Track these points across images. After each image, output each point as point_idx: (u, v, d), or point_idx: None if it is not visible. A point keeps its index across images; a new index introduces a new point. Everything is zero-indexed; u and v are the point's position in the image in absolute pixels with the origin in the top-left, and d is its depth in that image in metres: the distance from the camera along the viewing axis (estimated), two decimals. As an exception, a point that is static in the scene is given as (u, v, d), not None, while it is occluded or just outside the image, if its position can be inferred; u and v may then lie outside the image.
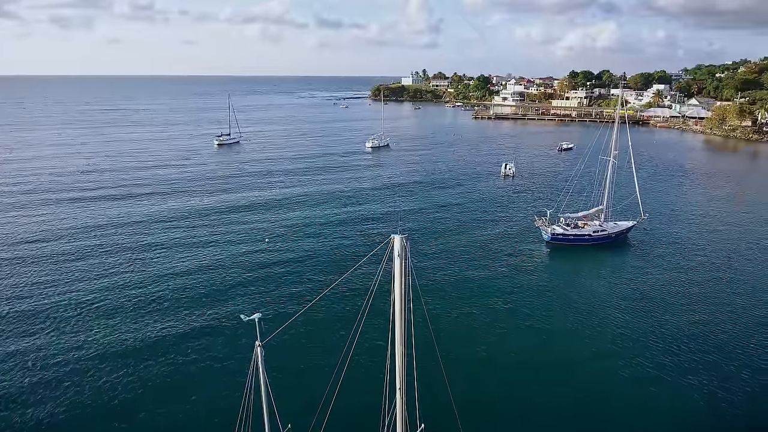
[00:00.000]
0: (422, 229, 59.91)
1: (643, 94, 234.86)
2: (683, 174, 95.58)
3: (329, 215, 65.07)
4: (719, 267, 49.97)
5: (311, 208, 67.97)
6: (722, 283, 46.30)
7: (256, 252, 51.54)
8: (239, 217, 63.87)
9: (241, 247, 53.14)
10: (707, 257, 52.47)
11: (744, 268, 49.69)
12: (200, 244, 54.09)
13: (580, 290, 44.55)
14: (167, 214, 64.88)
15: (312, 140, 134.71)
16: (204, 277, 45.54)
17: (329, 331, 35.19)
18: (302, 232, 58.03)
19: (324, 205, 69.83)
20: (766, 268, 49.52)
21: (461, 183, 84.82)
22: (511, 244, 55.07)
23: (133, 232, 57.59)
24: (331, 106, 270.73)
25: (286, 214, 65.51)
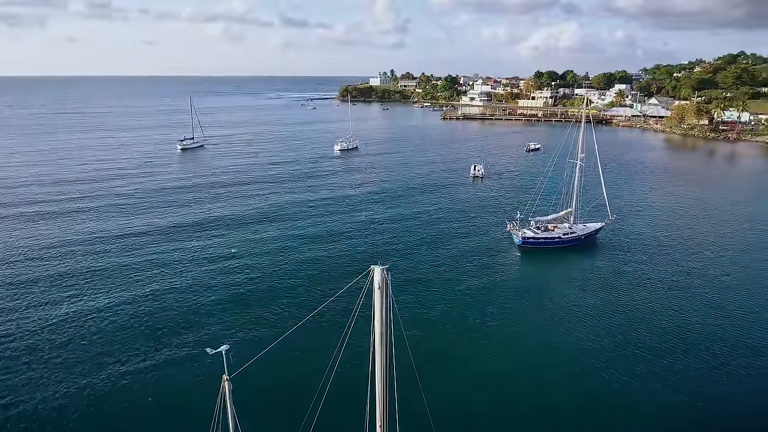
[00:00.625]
0: (394, 240, 58.11)
1: (606, 94, 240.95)
2: (646, 173, 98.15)
3: (300, 232, 60.17)
4: (684, 265, 51.20)
5: (280, 224, 62.99)
6: (688, 281, 47.46)
7: (222, 274, 47.27)
8: (204, 233, 58.80)
9: (206, 268, 48.71)
10: (672, 256, 53.68)
11: (708, 265, 51.07)
12: (161, 264, 49.48)
13: (554, 296, 44.67)
14: (124, 231, 59.20)
15: (279, 144, 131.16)
16: (165, 302, 41.68)
17: (304, 365, 31.90)
18: (272, 252, 53.41)
19: (294, 220, 64.59)
20: (729, 265, 51.03)
21: (431, 187, 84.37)
22: (484, 251, 54.84)
23: (86, 253, 52.11)
24: (299, 108, 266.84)
25: (255, 230, 60.59)
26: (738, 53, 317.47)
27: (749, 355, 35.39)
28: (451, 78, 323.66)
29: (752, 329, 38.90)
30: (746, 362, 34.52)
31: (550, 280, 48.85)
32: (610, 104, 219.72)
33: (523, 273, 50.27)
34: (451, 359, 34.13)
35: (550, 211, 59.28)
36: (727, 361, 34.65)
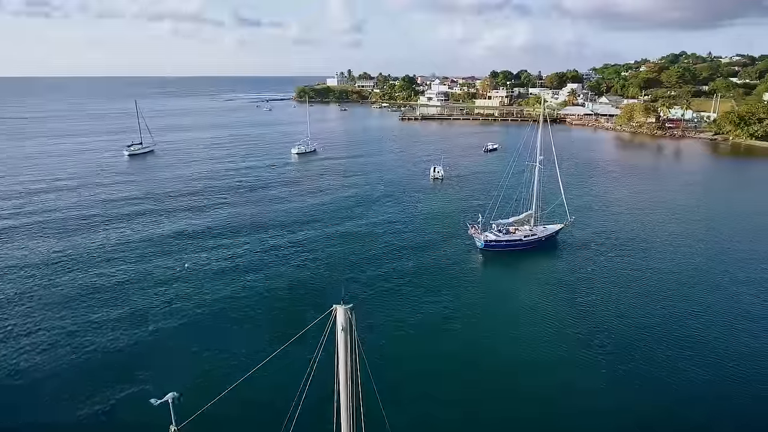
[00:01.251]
0: (354, 251, 55.64)
1: (559, 93, 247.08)
2: (601, 172, 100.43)
3: (254, 253, 54.05)
4: (639, 263, 52.26)
5: (232, 244, 56.51)
6: (643, 278, 48.39)
7: (167, 306, 42.05)
8: (150, 255, 52.98)
9: (150, 297, 43.47)
10: (628, 254, 54.76)
11: (662, 262, 52.24)
12: (100, 290, 44.81)
13: (518, 299, 44.64)
14: (58, 253, 53.26)
15: (234, 149, 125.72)
16: (102, 338, 37.06)
17: (262, 412, 28.70)
18: (224, 277, 47.90)
19: (247, 237, 58.69)
20: (683, 260, 52.35)
21: (392, 191, 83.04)
22: (449, 257, 54.05)
23: (6, 281, 46.20)
24: (254, 109, 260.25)
25: (205, 249, 54.91)
26: (679, 53, 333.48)
27: (707, 353, 36.10)
28: (409, 78, 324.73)
29: (707, 326, 39.74)
30: (704, 360, 35.16)
31: (515, 283, 48.76)
32: (563, 103, 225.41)
33: (487, 278, 49.86)
34: (419, 392, 31.72)
35: (511, 213, 59.26)
36: (685, 359, 35.20)
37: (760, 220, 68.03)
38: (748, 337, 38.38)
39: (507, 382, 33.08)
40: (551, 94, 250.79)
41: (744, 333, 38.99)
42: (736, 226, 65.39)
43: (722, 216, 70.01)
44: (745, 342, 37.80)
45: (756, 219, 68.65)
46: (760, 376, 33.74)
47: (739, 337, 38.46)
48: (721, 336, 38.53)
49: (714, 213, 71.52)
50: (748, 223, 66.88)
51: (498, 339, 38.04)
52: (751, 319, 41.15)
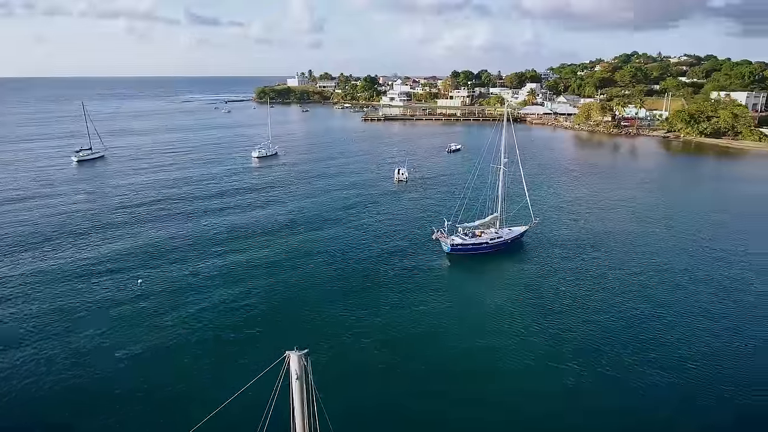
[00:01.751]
0: (314, 273, 53.16)
1: (519, 93, 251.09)
2: (562, 171, 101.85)
3: (204, 275, 48.52)
4: (604, 263, 52.66)
5: (180, 264, 51.24)
6: (609, 280, 48.65)
7: (105, 344, 36.72)
8: (92, 278, 47.71)
9: (91, 329, 38.59)
10: (591, 254, 55.15)
11: (624, 260, 52.83)
12: (34, 317, 40.43)
13: (485, 305, 43.97)
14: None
15: (192, 153, 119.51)
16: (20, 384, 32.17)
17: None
18: (159, 309, 41.78)
19: (199, 254, 53.64)
20: (643, 260, 53.08)
21: (355, 195, 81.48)
22: (414, 264, 52.90)
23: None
24: (213, 111, 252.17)
25: (153, 271, 49.35)
26: (631, 53, 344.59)
27: (670, 354, 36.31)
28: (371, 78, 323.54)
29: (670, 327, 40.12)
30: (667, 363, 35.32)
31: (481, 288, 48.17)
32: (523, 103, 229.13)
33: (454, 285, 48.89)
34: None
35: (477, 216, 58.81)
36: (650, 363, 35.29)
37: (716, 218, 70.11)
38: (708, 337, 38.91)
39: (474, 391, 32.31)
40: (511, 93, 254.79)
41: (705, 333, 39.52)
42: (693, 224, 67.15)
43: (680, 214, 71.80)
44: (707, 341, 38.30)
45: (713, 216, 70.71)
46: (721, 376, 34.08)
47: (701, 337, 38.96)
48: (683, 337, 38.91)
49: (672, 211, 73.30)
50: (705, 220, 68.80)
51: (466, 351, 37.06)
52: (711, 318, 41.83)
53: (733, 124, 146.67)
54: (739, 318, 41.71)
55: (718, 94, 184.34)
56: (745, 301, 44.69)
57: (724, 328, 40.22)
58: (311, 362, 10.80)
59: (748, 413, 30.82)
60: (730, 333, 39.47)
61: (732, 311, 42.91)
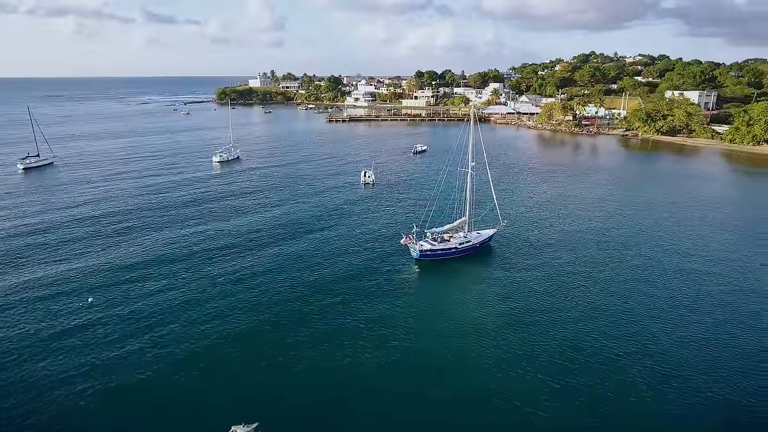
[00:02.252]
0: (279, 268, 53.06)
1: (482, 92, 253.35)
2: (527, 172, 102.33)
3: (153, 297, 44.34)
4: (571, 265, 52.51)
5: (136, 281, 47.39)
6: (577, 281, 48.40)
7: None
8: (36, 301, 43.54)
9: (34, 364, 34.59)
10: (559, 256, 54.97)
11: (589, 262, 52.76)
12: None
13: (455, 313, 42.88)
14: None
15: (146, 159, 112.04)
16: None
17: None
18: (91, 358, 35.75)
19: (150, 277, 48.29)
20: (610, 260, 53.18)
21: (321, 199, 79.39)
22: (383, 269, 51.55)
23: None
24: (171, 113, 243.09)
25: (103, 294, 44.89)
26: (589, 53, 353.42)
27: (642, 358, 35.99)
28: (335, 78, 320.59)
29: (640, 331, 39.93)
30: (642, 369, 34.96)
31: (451, 295, 47.00)
32: (487, 103, 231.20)
33: (423, 293, 47.49)
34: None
35: (445, 221, 57.76)
36: (621, 369, 34.87)
37: (680, 215, 71.43)
38: (676, 346, 38.56)
39: (447, 414, 30.94)
40: (475, 93, 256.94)
41: (676, 339, 39.44)
42: (656, 220, 68.10)
43: (643, 211, 72.87)
44: (680, 347, 38.15)
45: (676, 214, 72.05)
46: (693, 385, 33.79)
47: (671, 339, 38.88)
48: (652, 341, 38.71)
49: (636, 208, 74.30)
50: (667, 218, 69.94)
51: (437, 369, 35.74)
52: (683, 324, 41.88)
53: (687, 122, 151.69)
54: (703, 308, 42.07)
55: (672, 93, 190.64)
56: (712, 292, 45.18)
57: (692, 334, 40.25)
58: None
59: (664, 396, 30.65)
60: (701, 324, 39.75)
61: (699, 302, 43.26)
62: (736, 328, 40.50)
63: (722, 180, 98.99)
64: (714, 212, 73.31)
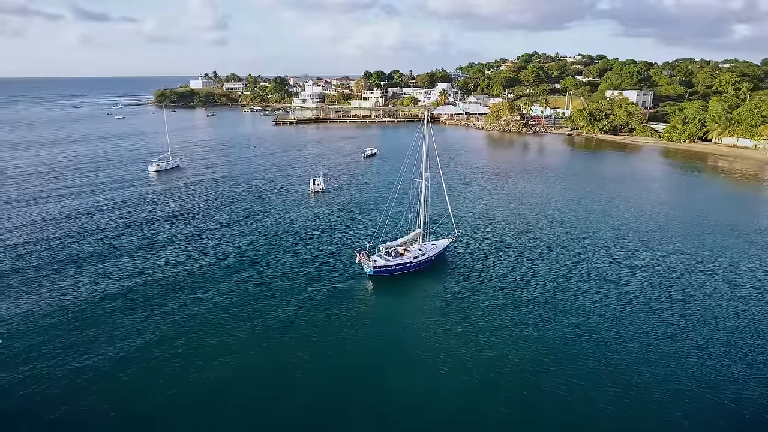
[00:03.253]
0: (220, 293, 49.08)
1: (431, 93, 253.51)
2: (479, 175, 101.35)
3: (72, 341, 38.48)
4: (529, 274, 51.07)
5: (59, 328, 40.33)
6: (536, 293, 46.80)
7: None
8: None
9: None
10: (516, 265, 53.40)
11: (549, 270, 51.47)
12: None
13: (412, 335, 40.22)
14: None
15: (73, 173, 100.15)
16: None
17: None
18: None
19: (71, 321, 41.38)
20: (567, 268, 52.08)
21: (267, 210, 74.67)
22: (334, 287, 48.12)
23: None
24: (104, 117, 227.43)
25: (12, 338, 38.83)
26: (532, 53, 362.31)
27: (608, 380, 34.45)
28: (281, 79, 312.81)
29: (602, 345, 38.53)
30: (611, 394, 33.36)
31: (407, 315, 44.17)
32: (436, 103, 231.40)
33: (378, 314, 44.43)
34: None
35: (399, 233, 54.94)
36: (586, 388, 33.16)
37: (626, 218, 71.93)
38: (637, 366, 37.47)
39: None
40: (424, 93, 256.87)
41: (638, 354, 38.25)
42: (610, 226, 68.15)
43: (597, 213, 72.85)
44: (641, 366, 36.94)
45: (624, 215, 72.54)
46: (662, 402, 32.60)
47: (633, 355, 37.63)
48: (616, 358, 37.36)
49: (590, 211, 74.25)
50: (623, 222, 70.23)
51: (396, 407, 32.80)
52: (642, 333, 40.87)
53: (628, 121, 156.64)
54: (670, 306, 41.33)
55: (613, 92, 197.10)
56: (687, 297, 44.64)
57: (659, 349, 39.24)
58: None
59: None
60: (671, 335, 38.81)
61: (659, 302, 42.51)
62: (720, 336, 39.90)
63: (669, 178, 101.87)
64: (665, 208, 74.51)
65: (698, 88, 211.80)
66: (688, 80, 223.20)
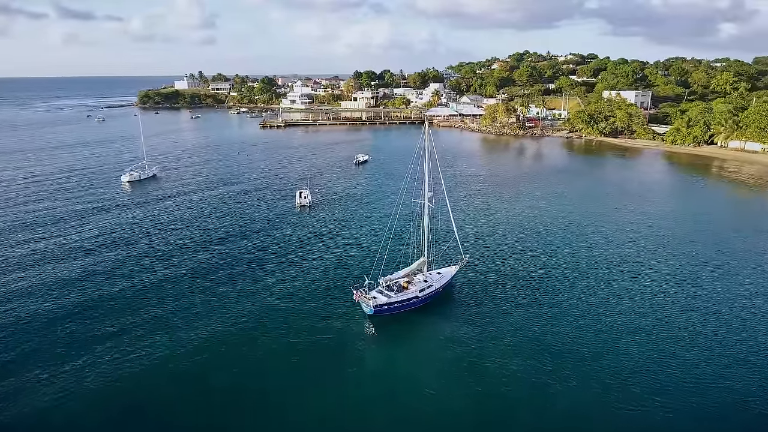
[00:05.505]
0: (190, 339, 41.95)
1: (423, 93, 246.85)
2: (479, 184, 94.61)
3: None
4: (550, 302, 44.23)
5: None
6: (562, 327, 39.97)
7: None
8: None
9: None
10: (533, 290, 46.83)
11: (571, 295, 44.80)
12: None
13: (418, 388, 33.44)
14: None
15: (39, 186, 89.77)
16: None
17: None
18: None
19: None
20: (592, 294, 45.56)
21: (248, 228, 66.96)
22: (326, 333, 41.00)
23: None
24: (83, 120, 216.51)
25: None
26: (523, 52, 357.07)
27: None
28: (269, 79, 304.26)
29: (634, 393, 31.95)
30: None
31: (416, 365, 37.29)
32: (429, 104, 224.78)
33: (380, 368, 37.45)
34: None
35: (402, 263, 47.95)
36: None
37: (656, 230, 65.57)
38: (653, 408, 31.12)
39: None
40: (415, 94, 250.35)
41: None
42: (637, 239, 61.74)
43: (619, 232, 66.35)
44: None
45: (653, 227, 66.18)
46: None
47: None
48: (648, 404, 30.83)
49: (612, 229, 67.70)
50: (646, 232, 63.80)
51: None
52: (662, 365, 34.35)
53: (629, 123, 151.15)
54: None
55: (610, 93, 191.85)
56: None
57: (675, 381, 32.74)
58: None
59: None
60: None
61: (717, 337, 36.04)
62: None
63: (692, 189, 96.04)
64: (702, 233, 68.28)
65: (695, 88, 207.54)
66: (683, 80, 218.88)
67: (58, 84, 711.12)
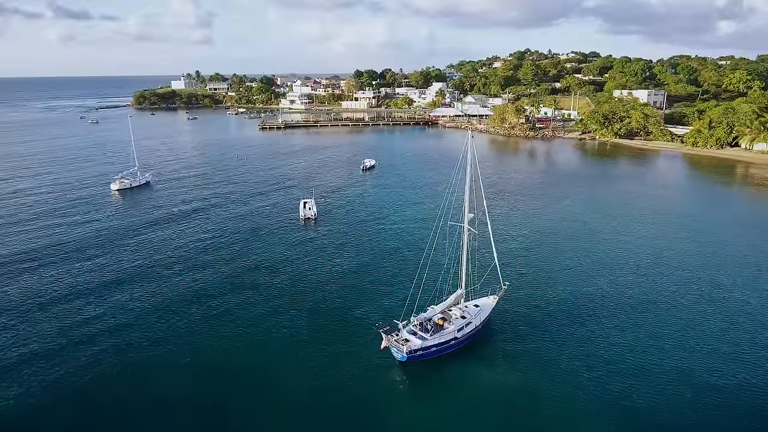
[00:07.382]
0: (174, 394, 35.07)
1: (426, 93, 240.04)
2: (501, 192, 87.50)
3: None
4: (613, 342, 37.40)
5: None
6: (632, 370, 33.23)
7: None
8: None
9: None
10: (591, 325, 39.89)
11: (635, 328, 38.09)
12: None
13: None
14: None
15: (24, 198, 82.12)
16: None
17: None
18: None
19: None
20: (665, 331, 38.90)
21: (247, 247, 59.71)
22: (347, 384, 34.16)
23: None
24: (77, 122, 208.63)
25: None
26: (524, 50, 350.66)
27: None
28: (267, 79, 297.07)
29: None
30: None
31: (464, 427, 30.45)
32: (432, 104, 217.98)
33: (417, 417, 30.68)
34: None
35: (436, 298, 41.05)
36: None
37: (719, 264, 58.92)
38: None
39: None
40: (418, 93, 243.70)
41: None
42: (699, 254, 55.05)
43: (671, 251, 59.68)
44: None
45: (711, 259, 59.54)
46: None
47: None
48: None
49: (655, 242, 61.11)
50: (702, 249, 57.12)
51: None
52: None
53: (645, 124, 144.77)
54: None
55: (621, 92, 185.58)
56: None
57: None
58: None
59: None
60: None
61: None
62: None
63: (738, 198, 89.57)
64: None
65: (706, 86, 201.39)
66: (693, 78, 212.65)
67: (55, 84, 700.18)
